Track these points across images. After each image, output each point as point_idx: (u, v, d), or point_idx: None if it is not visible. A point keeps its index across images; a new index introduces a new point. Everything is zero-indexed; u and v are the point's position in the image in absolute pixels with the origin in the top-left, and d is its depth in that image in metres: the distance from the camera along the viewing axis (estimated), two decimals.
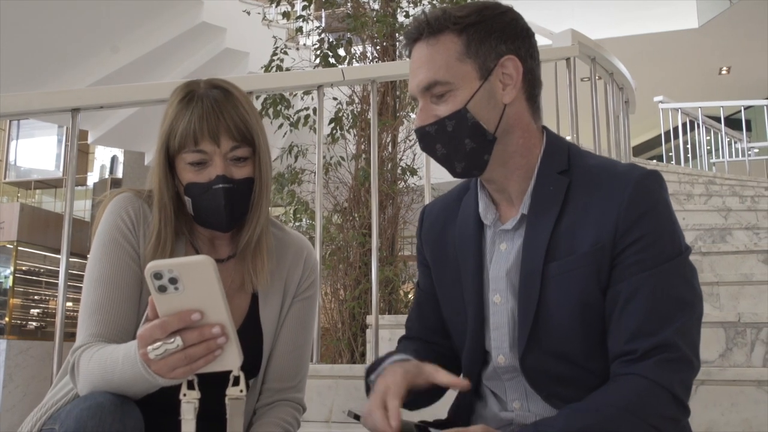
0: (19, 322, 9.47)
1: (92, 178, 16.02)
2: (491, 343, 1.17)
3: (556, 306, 1.09)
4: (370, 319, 2.44)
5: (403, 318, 2.60)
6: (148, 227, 1.26)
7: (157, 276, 0.96)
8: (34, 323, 9.81)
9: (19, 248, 9.48)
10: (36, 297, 10.01)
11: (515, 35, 1.13)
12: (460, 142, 1.12)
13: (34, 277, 9.81)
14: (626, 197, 1.06)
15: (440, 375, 1.09)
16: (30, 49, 7.03)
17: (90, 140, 8.64)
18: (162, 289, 0.97)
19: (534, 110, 1.17)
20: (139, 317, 1.24)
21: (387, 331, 2.50)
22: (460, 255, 1.21)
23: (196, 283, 0.97)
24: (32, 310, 9.80)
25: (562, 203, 1.11)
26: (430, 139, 1.14)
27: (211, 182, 1.22)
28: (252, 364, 1.30)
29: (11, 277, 9.64)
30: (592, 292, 1.07)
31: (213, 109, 1.22)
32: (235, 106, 1.24)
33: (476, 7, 1.14)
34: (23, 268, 9.60)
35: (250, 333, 1.29)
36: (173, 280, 0.96)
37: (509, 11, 1.16)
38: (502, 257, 1.16)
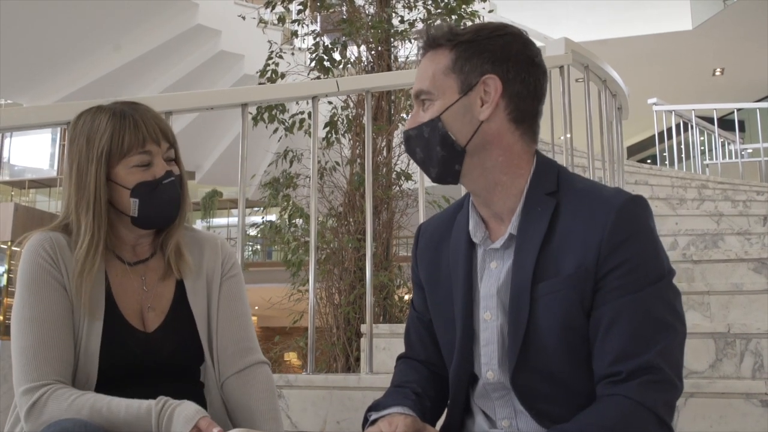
0: None
1: None
2: (481, 359, 1.19)
3: (543, 326, 1.11)
4: (364, 327, 2.46)
5: (398, 327, 2.62)
6: (66, 256, 1.34)
7: None
8: None
9: (14, 248, 9.46)
10: None
11: (505, 58, 1.16)
12: (432, 148, 1.18)
13: None
14: (610, 222, 1.09)
15: None
16: (26, 49, 7.03)
17: None
18: None
19: (522, 133, 1.19)
20: (75, 343, 1.31)
21: (383, 340, 2.51)
22: (453, 272, 1.24)
23: None
24: None
25: (549, 224, 1.14)
26: (412, 142, 1.21)
27: (160, 178, 1.36)
28: (194, 347, 1.42)
29: (5, 277, 9.63)
30: (576, 314, 1.10)
31: (148, 116, 1.38)
32: (157, 115, 1.41)
33: (477, 27, 1.20)
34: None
35: (180, 316, 1.42)
36: None
37: (509, 35, 1.19)
38: (493, 275, 1.19)
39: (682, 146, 8.22)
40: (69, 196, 1.37)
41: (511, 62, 1.16)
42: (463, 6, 4.46)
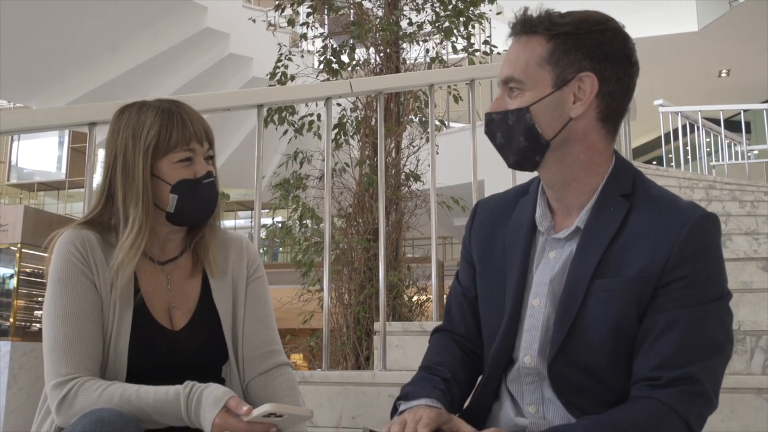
0: (23, 323, 9.49)
1: (96, 179, 16.08)
2: (521, 343, 1.20)
3: (593, 321, 1.12)
4: (378, 325, 2.49)
5: (410, 325, 2.65)
6: (96, 254, 1.36)
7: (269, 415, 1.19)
8: (38, 325, 9.84)
9: (23, 250, 9.50)
10: (40, 299, 10.04)
11: (604, 56, 1.14)
12: (515, 137, 1.16)
13: (38, 279, 9.85)
14: (683, 234, 1.09)
15: (465, 428, 1.13)
16: (34, 53, 7.08)
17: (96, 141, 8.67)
18: (267, 415, 1.19)
19: (607, 132, 1.18)
20: (105, 340, 1.34)
21: (395, 338, 2.54)
22: (509, 255, 1.24)
23: (292, 420, 1.23)
24: (36, 312, 9.84)
25: (620, 225, 1.14)
26: (494, 126, 1.19)
27: (200, 177, 1.39)
28: (219, 346, 1.44)
29: (15, 279, 9.67)
30: (629, 315, 1.11)
31: (194, 114, 1.41)
32: (200, 115, 1.44)
33: (578, 17, 1.15)
34: (27, 270, 9.62)
35: (206, 314, 1.44)
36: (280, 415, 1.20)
37: (610, 31, 1.15)
38: (549, 264, 1.20)
39: (688, 147, 8.22)
40: (115, 190, 1.39)
41: (609, 60, 1.14)
42: (471, 8, 4.50)
